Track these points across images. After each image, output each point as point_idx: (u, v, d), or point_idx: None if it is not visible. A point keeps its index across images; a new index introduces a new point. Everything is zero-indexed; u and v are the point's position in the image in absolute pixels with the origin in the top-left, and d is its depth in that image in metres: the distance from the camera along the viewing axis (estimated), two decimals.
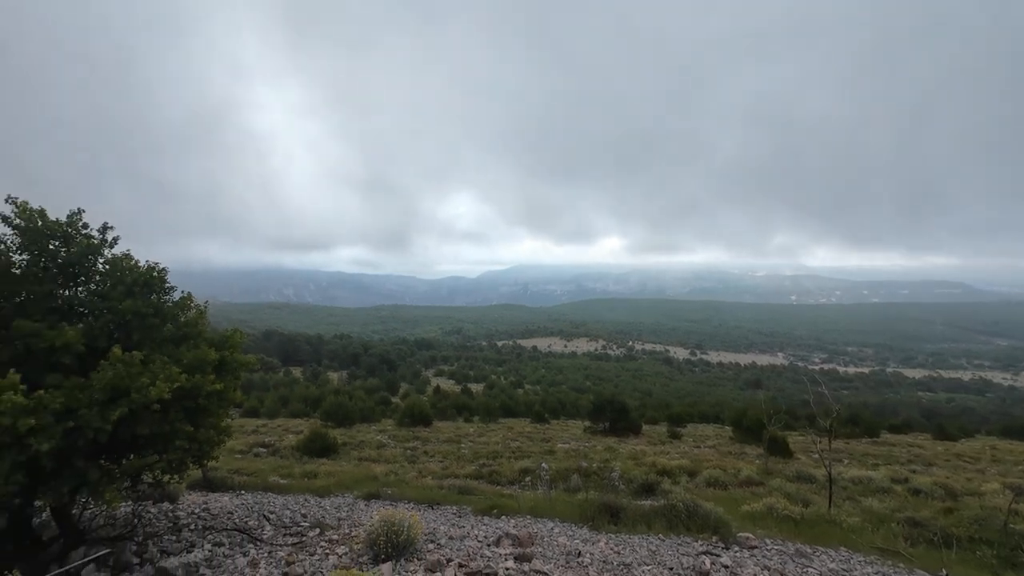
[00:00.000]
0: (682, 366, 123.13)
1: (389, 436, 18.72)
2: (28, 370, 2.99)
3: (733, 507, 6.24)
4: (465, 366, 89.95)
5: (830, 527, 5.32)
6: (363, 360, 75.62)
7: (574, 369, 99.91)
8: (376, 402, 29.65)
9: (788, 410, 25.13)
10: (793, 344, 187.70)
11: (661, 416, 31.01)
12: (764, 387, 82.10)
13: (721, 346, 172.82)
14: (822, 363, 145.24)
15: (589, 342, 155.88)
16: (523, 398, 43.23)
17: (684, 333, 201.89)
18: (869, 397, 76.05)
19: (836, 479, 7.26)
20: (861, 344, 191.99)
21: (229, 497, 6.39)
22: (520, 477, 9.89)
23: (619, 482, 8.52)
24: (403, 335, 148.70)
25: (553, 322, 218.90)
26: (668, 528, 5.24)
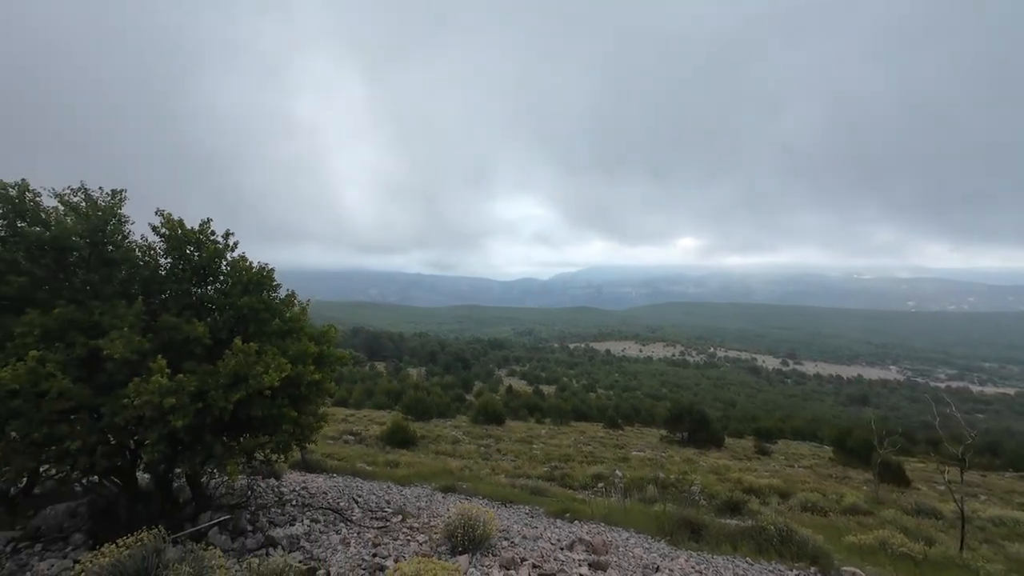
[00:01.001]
0: (771, 376, 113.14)
1: (464, 432, 19.35)
2: (171, 357, 3.51)
3: (835, 536, 5.61)
4: (537, 367, 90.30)
5: (962, 572, 4.58)
6: (440, 358, 79.05)
7: (649, 375, 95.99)
8: (452, 398, 30.80)
9: (904, 432, 22.02)
10: (910, 357, 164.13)
11: (747, 429, 28.76)
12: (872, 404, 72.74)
13: (819, 356, 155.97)
14: (949, 380, 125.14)
15: (666, 347, 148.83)
16: (595, 402, 42.42)
17: (773, 341, 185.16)
18: (1013, 423, 64.13)
19: (970, 517, 6.23)
20: (1004, 360, 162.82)
21: (323, 479, 7.00)
22: (593, 482, 9.70)
23: (700, 497, 8.02)
24: (477, 335, 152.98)
25: (627, 325, 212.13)
26: (757, 552, 4.84)
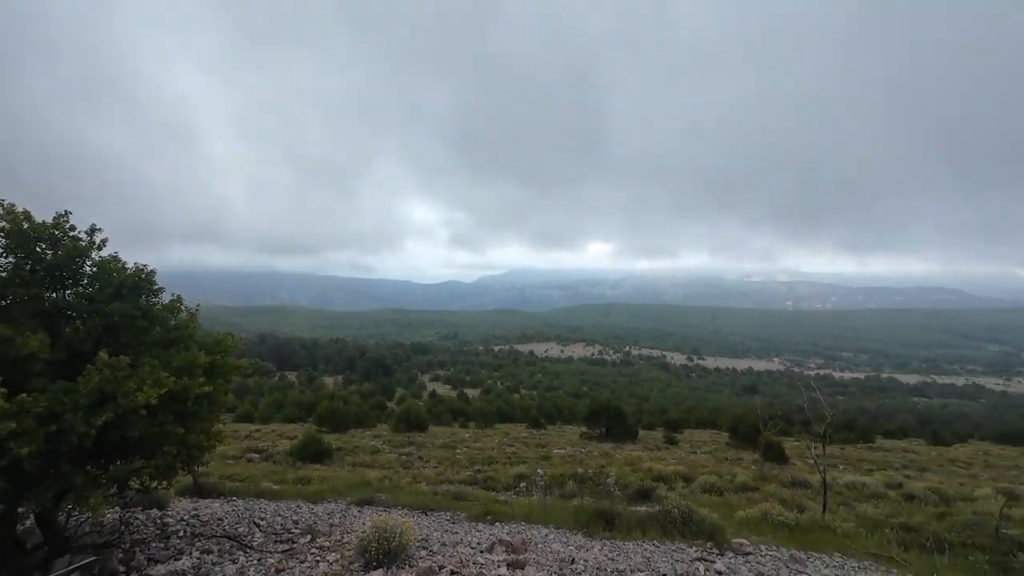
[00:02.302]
0: (679, 372, 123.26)
1: (384, 441, 18.60)
2: (13, 374, 2.94)
3: (728, 513, 6.21)
4: (461, 371, 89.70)
5: (824, 533, 5.30)
6: (359, 364, 75.35)
7: (570, 374, 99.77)
8: (372, 407, 29.48)
9: (784, 415, 25.17)
10: (789, 349, 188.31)
11: (658, 422, 30.99)
12: (760, 392, 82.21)
13: (718, 352, 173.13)
14: (818, 368, 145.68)
15: (586, 347, 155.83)
16: (519, 403, 43.12)
17: (681, 339, 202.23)
18: (864, 402, 76.34)
19: (831, 485, 7.25)
20: (856, 349, 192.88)
21: (220, 503, 6.31)
22: (515, 483, 9.83)
23: (614, 488, 8.47)
24: (399, 339, 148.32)
25: (549, 327, 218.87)
26: (663, 534, 5.21)
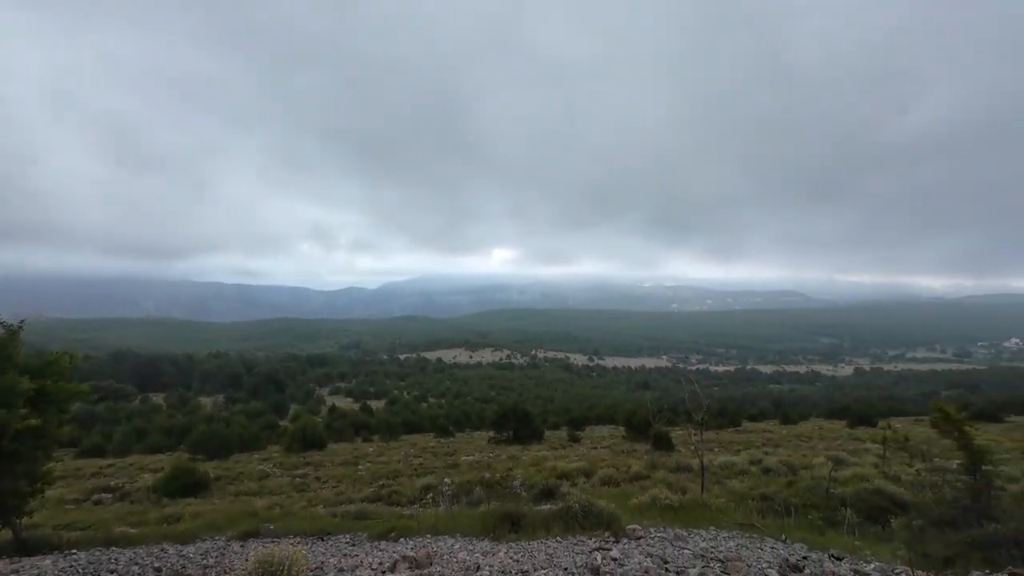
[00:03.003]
0: (581, 372, 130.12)
1: (275, 465, 16.92)
2: None
3: (624, 502, 6.68)
4: (365, 382, 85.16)
5: (702, 510, 5.95)
6: (245, 381, 67.59)
7: (479, 380, 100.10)
8: (260, 427, 26.67)
9: (671, 407, 27.88)
10: (675, 347, 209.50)
11: (562, 421, 32.35)
12: (651, 388, 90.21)
13: (615, 352, 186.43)
14: (697, 363, 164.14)
15: (494, 352, 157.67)
16: (427, 412, 42.17)
17: (583, 341, 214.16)
18: (733, 392, 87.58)
19: (707, 466, 8.17)
20: (727, 345, 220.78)
21: (53, 559, 5.18)
22: (422, 495, 9.55)
23: (521, 490, 8.65)
24: (294, 351, 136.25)
25: (458, 333, 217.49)
26: (565, 530, 5.42)
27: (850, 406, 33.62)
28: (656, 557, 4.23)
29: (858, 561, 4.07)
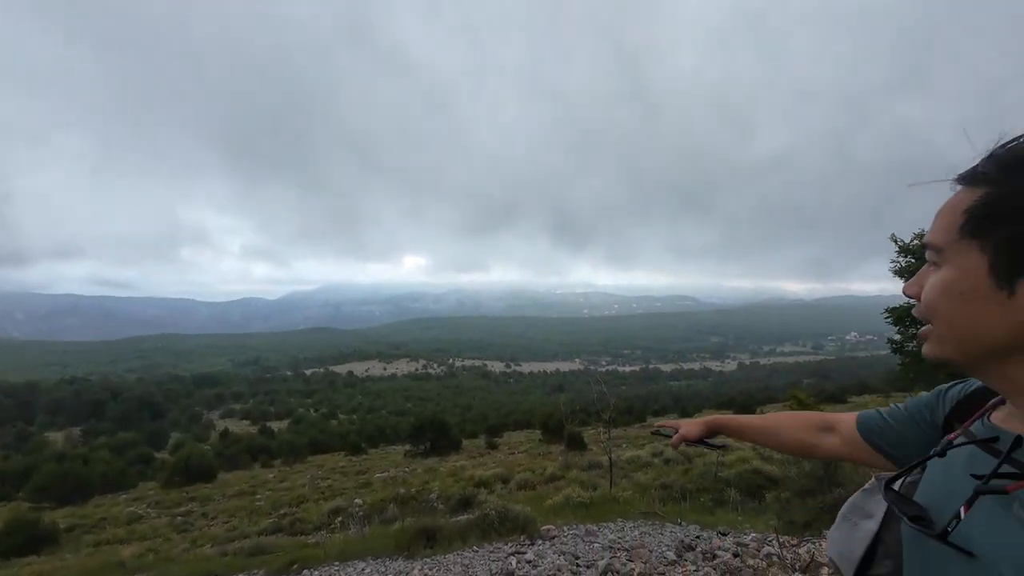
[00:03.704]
0: (498, 378, 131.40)
1: (150, 504, 14.70)
2: None
3: (539, 504, 6.82)
4: (264, 402, 77.64)
5: (611, 504, 6.29)
6: (110, 409, 57.84)
7: (394, 392, 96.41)
8: (130, 462, 23.02)
9: (584, 408, 29.20)
10: (587, 351, 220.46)
11: (480, 429, 32.30)
12: (566, 390, 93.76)
13: (532, 357, 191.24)
14: (607, 365, 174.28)
15: (409, 363, 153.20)
16: (337, 430, 39.56)
17: (500, 348, 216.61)
18: (639, 390, 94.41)
19: (616, 462, 8.67)
20: (633, 347, 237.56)
21: None
22: (329, 520, 8.88)
23: (438, 502, 8.44)
24: (176, 371, 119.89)
25: (370, 344, 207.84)
26: (482, 538, 5.39)
27: (734, 398, 38.01)
28: (569, 554, 4.37)
29: (740, 534, 4.60)
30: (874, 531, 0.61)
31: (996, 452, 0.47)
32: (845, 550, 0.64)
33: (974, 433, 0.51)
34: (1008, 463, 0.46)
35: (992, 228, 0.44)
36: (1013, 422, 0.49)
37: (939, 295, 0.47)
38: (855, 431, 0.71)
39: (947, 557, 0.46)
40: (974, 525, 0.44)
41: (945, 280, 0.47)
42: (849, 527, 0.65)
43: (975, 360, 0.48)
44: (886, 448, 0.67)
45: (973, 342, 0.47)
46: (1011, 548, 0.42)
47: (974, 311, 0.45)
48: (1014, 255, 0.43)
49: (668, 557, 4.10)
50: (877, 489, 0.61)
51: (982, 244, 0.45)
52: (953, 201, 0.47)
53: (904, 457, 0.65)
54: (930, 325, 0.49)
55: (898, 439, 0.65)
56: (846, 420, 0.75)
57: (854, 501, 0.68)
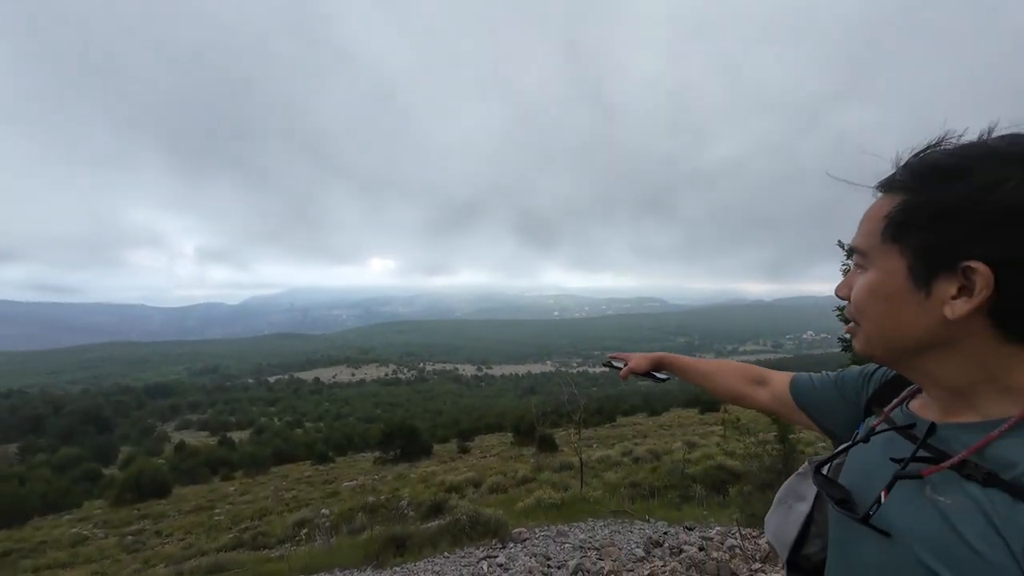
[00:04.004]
0: (470, 382, 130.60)
1: (98, 524, 13.77)
2: None
3: (511, 507, 6.81)
4: (224, 411, 74.37)
5: (582, 504, 6.35)
6: (51, 424, 53.92)
7: (362, 398, 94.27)
8: (74, 479, 21.52)
9: (554, 410, 29.36)
10: (558, 352, 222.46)
11: (451, 434, 31.98)
12: (537, 392, 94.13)
13: (503, 360, 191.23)
14: (579, 366, 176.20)
15: (379, 368, 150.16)
16: (302, 439, 38.25)
17: (471, 351, 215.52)
18: (610, 391, 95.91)
19: (586, 462, 8.77)
20: (603, 348, 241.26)
21: None
22: (294, 532, 8.58)
23: (408, 509, 8.29)
24: (127, 382, 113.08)
25: (338, 349, 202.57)
26: (453, 543, 5.33)
27: (701, 396, 39.11)
28: (540, 556, 4.38)
29: (705, 528, 4.74)
30: (806, 513, 0.66)
31: (913, 438, 0.51)
32: (780, 532, 0.69)
33: (894, 420, 0.56)
34: (924, 448, 0.49)
35: (909, 234, 0.47)
36: (928, 410, 0.53)
37: (865, 296, 0.51)
38: (787, 389, 0.78)
39: (867, 536, 0.49)
40: (892, 507, 0.48)
41: (870, 282, 0.50)
42: (784, 510, 0.70)
43: (897, 357, 0.51)
44: (811, 411, 0.74)
45: (896, 340, 0.49)
46: (923, 528, 0.45)
47: (896, 312, 0.48)
48: (929, 259, 0.45)
49: (637, 554, 4.18)
50: (809, 473, 0.65)
51: (901, 249, 0.47)
52: (876, 207, 0.51)
53: (826, 423, 0.72)
54: (854, 323, 0.53)
55: (824, 405, 0.72)
56: (780, 377, 0.82)
57: (789, 485, 0.72)
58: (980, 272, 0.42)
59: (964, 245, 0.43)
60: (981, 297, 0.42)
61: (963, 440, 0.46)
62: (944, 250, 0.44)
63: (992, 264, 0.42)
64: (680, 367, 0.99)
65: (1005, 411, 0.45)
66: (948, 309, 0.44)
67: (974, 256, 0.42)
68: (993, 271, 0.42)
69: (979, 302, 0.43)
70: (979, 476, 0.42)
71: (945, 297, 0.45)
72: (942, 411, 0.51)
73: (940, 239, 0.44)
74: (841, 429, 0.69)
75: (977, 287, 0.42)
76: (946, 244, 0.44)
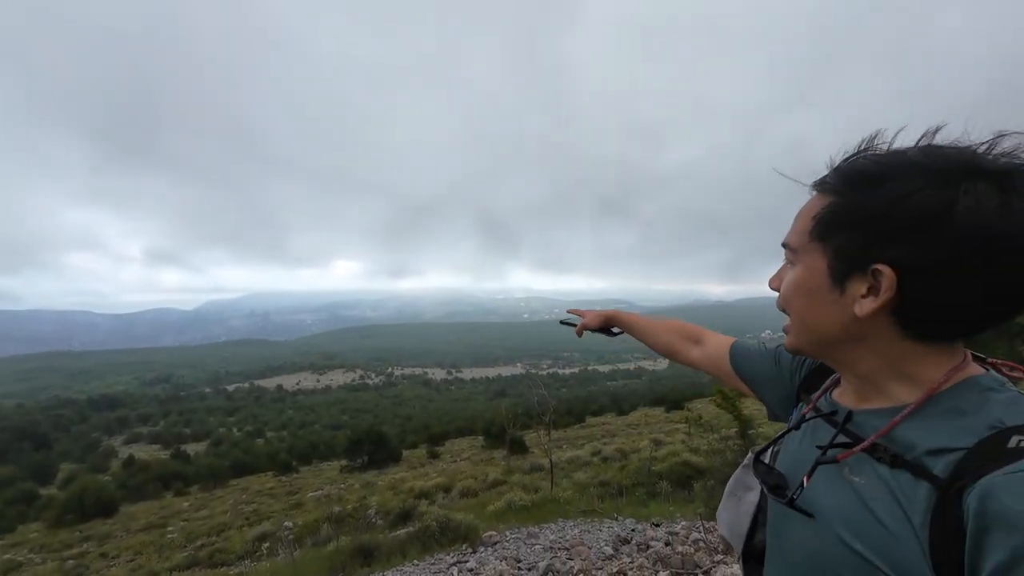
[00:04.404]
0: (440, 386, 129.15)
1: (35, 548, 12.75)
2: None
3: (481, 510, 6.77)
4: (178, 423, 70.57)
5: (552, 505, 6.39)
6: None
7: (328, 405, 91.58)
8: (7, 501, 19.87)
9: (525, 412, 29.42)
10: (528, 354, 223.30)
11: (421, 439, 31.52)
12: (508, 395, 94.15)
13: (474, 363, 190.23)
14: (548, 368, 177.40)
15: (345, 373, 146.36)
16: (264, 449, 36.77)
17: (441, 354, 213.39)
18: (579, 391, 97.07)
19: (556, 463, 8.83)
20: (573, 349, 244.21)
21: None
22: (255, 547, 8.22)
23: (376, 518, 8.10)
24: (68, 394, 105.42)
25: (302, 355, 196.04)
26: (423, 550, 5.24)
27: (666, 395, 40.17)
28: (511, 559, 4.37)
29: (671, 523, 4.86)
30: (755, 502, 0.68)
31: (836, 424, 0.55)
32: (734, 525, 0.71)
33: (820, 408, 0.60)
34: (843, 434, 0.53)
35: (831, 234, 0.50)
36: (846, 398, 0.58)
37: (792, 291, 0.55)
38: (722, 350, 0.83)
39: (795, 518, 0.53)
40: (815, 490, 0.52)
41: (797, 278, 0.54)
42: (735, 502, 0.72)
43: (818, 348, 0.56)
44: (748, 379, 0.78)
45: (816, 333, 0.54)
46: (841, 507, 0.49)
47: (816, 306, 0.53)
48: (845, 260, 0.49)
49: (606, 552, 4.23)
50: (752, 462, 0.68)
51: (824, 248, 0.51)
52: (808, 206, 0.55)
53: (762, 394, 0.76)
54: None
55: (760, 377, 0.76)
56: (717, 340, 0.87)
57: (737, 477, 0.74)
58: (886, 275, 0.46)
59: (875, 249, 0.47)
60: (885, 298, 0.46)
61: (873, 425, 0.51)
62: (858, 252, 0.48)
63: (896, 268, 0.46)
64: (627, 324, 1.03)
65: (908, 398, 0.49)
66: (858, 307, 0.49)
67: (882, 260, 0.46)
68: (897, 275, 0.46)
69: (883, 302, 0.47)
70: (887, 458, 0.47)
71: (856, 296, 0.49)
72: (857, 398, 0.56)
73: (855, 242, 0.48)
74: (776, 405, 0.74)
75: (883, 288, 0.46)
76: (860, 247, 0.48)
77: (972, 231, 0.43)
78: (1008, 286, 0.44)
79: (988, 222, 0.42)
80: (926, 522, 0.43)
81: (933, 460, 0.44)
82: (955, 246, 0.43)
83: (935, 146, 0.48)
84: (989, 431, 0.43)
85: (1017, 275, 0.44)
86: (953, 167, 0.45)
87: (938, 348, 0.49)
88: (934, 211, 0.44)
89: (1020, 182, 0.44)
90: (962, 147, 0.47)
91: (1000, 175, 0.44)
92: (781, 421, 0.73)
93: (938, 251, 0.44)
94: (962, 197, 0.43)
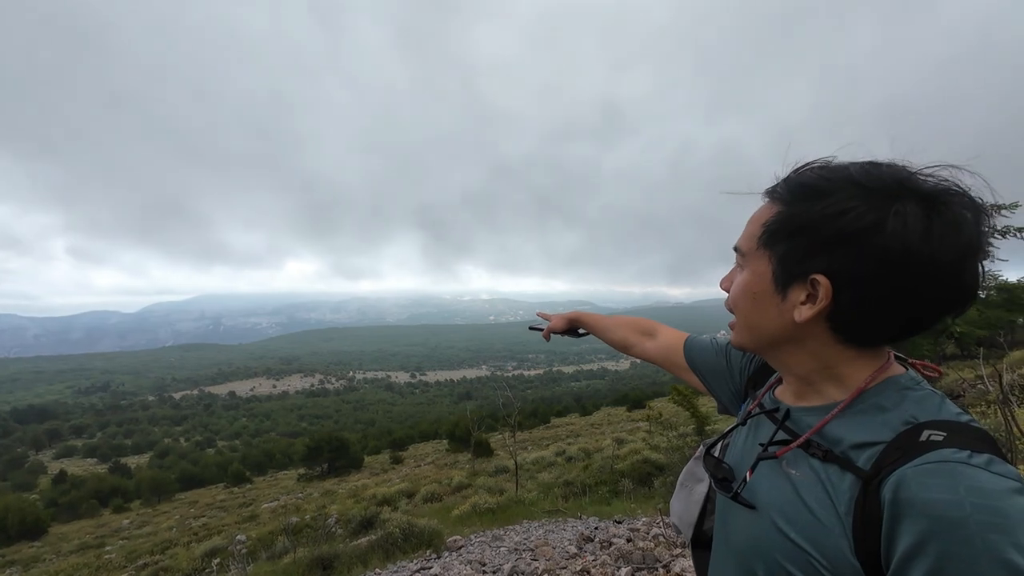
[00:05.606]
0: (403, 390, 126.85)
1: None
2: None
3: (446, 515, 6.70)
4: (117, 434, 65.91)
5: (517, 506, 6.40)
6: None
7: (285, 411, 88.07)
8: None
9: (491, 414, 29.38)
10: (493, 357, 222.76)
11: (384, 444, 30.87)
12: (473, 398, 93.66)
13: (438, 366, 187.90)
14: (513, 370, 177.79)
15: (304, 378, 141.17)
16: (214, 459, 34.87)
17: (404, 357, 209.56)
18: (543, 393, 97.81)
19: (521, 465, 8.87)
20: (538, 351, 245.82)
21: None
22: (204, 564, 7.76)
23: (336, 527, 7.84)
24: None
25: (257, 360, 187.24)
26: (386, 558, 5.12)
27: (628, 394, 41.16)
28: (475, 563, 4.35)
29: (632, 520, 4.98)
30: (704, 493, 0.75)
31: (777, 420, 0.59)
32: (684, 514, 0.77)
33: (764, 405, 0.64)
34: (783, 430, 0.57)
35: (777, 242, 0.54)
36: (787, 395, 0.61)
37: (739, 293, 0.59)
38: (676, 343, 0.88)
39: (738, 510, 0.58)
40: (757, 483, 0.56)
41: (744, 282, 0.58)
42: (686, 493, 0.78)
43: (760, 348, 0.60)
44: (700, 374, 0.83)
45: (759, 333, 0.58)
46: (779, 499, 0.53)
47: (761, 310, 0.56)
48: (788, 267, 0.54)
49: (570, 551, 4.29)
50: (702, 455, 0.73)
51: (770, 255, 0.55)
52: (759, 213, 0.58)
53: (714, 388, 0.81)
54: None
55: (711, 372, 0.81)
56: (670, 334, 0.93)
57: (688, 469, 0.80)
58: (822, 284, 0.51)
59: (814, 259, 0.51)
60: (821, 306, 0.51)
61: (808, 422, 0.55)
62: (799, 261, 0.53)
63: (831, 278, 0.50)
64: (589, 323, 1.10)
65: (839, 397, 0.54)
66: (797, 313, 0.53)
67: (819, 270, 0.51)
68: (832, 284, 0.50)
69: (819, 309, 0.51)
70: (819, 453, 0.52)
71: (796, 302, 0.53)
72: (795, 396, 0.60)
73: (797, 251, 0.53)
74: (726, 399, 0.79)
75: (819, 297, 0.51)
76: (801, 256, 0.52)
77: (896, 252, 0.47)
78: (924, 302, 0.49)
79: (910, 245, 0.47)
80: (850, 510, 0.47)
81: (857, 453, 0.49)
82: (881, 263, 0.48)
83: (875, 164, 0.51)
84: (904, 426, 0.48)
85: (931, 292, 0.49)
86: (889, 186, 0.49)
87: (866, 352, 0.54)
88: (866, 228, 0.48)
89: (944, 206, 0.48)
90: (899, 167, 0.51)
91: (929, 198, 0.48)
92: (731, 414, 0.78)
93: (866, 266, 0.49)
94: (891, 218, 0.48)
